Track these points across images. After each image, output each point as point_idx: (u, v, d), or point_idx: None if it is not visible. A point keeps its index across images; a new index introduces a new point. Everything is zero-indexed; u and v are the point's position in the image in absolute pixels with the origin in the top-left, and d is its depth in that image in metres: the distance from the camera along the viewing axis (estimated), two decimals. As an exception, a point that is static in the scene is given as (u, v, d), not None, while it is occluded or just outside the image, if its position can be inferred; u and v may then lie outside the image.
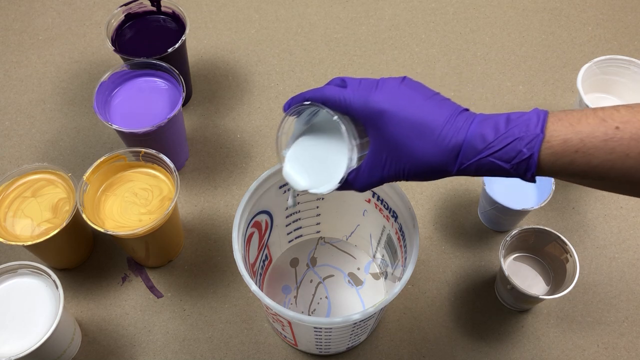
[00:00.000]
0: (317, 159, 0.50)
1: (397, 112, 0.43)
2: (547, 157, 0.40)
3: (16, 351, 0.56)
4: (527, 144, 0.40)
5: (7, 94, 0.87)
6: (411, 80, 0.46)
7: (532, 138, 0.40)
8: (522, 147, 0.40)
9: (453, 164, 0.43)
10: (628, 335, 0.67)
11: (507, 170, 0.42)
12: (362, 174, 0.47)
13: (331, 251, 0.73)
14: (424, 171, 0.44)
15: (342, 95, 0.45)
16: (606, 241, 0.74)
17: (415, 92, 0.44)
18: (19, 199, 0.65)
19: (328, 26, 0.94)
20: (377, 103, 0.44)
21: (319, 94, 0.47)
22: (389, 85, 0.45)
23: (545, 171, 0.41)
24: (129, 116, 0.71)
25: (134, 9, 0.78)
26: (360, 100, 0.45)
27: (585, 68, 0.74)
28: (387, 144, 0.44)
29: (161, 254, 0.70)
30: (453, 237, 0.74)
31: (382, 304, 0.52)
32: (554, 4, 0.97)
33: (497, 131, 0.41)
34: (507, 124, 0.41)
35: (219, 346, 0.67)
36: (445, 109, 0.43)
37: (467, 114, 0.43)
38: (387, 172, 0.45)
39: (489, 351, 0.67)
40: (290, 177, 0.51)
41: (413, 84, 0.45)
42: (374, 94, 0.44)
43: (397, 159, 0.44)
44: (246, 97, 0.86)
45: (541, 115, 0.41)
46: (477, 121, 0.42)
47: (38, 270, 0.61)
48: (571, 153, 0.40)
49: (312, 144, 0.51)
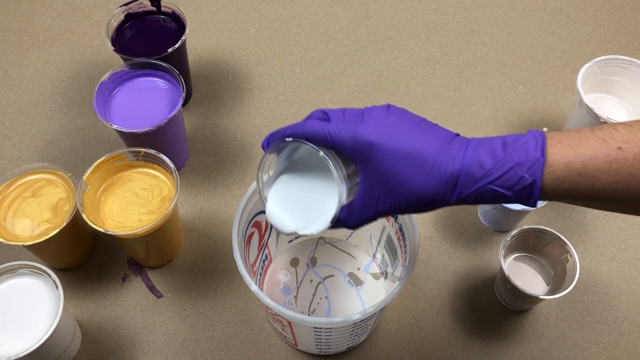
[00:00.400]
0: (302, 198, 0.47)
1: (387, 143, 0.41)
2: (549, 181, 0.39)
3: (16, 351, 0.56)
4: (529, 169, 0.38)
5: (7, 94, 0.87)
6: (396, 107, 0.43)
7: (532, 163, 0.38)
8: (524, 173, 0.39)
9: (451, 194, 0.41)
10: (628, 335, 0.67)
11: (508, 197, 0.40)
12: (355, 211, 0.44)
13: (331, 251, 0.73)
14: (421, 203, 0.42)
15: (327, 130, 0.43)
16: (606, 241, 0.74)
17: (403, 121, 0.42)
18: (19, 199, 0.65)
19: (328, 26, 0.94)
20: (365, 135, 0.41)
21: (302, 130, 0.44)
22: (375, 115, 0.42)
23: (548, 196, 0.40)
24: (129, 116, 0.71)
25: (134, 9, 0.78)
26: (346, 134, 0.42)
27: (585, 68, 0.74)
28: (378, 177, 0.42)
29: (161, 254, 0.70)
30: (453, 237, 0.74)
31: (382, 304, 0.52)
32: (554, 4, 0.97)
33: (495, 157, 0.39)
34: (505, 149, 0.39)
35: (219, 346, 0.67)
36: (436, 136, 0.41)
37: (460, 139, 0.41)
38: (382, 207, 0.43)
39: (489, 351, 0.67)
40: (275, 219, 0.47)
41: (399, 112, 0.43)
42: (360, 126, 0.42)
43: (390, 193, 0.42)
44: (246, 97, 0.86)
45: (539, 137, 0.39)
46: (471, 147, 0.40)
47: (38, 270, 0.61)
48: (574, 176, 0.38)
49: (295, 182, 0.48)
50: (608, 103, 0.78)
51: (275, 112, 0.85)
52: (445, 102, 0.85)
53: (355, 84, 0.88)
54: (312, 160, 0.47)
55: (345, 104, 0.85)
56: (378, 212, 0.43)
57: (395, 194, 0.42)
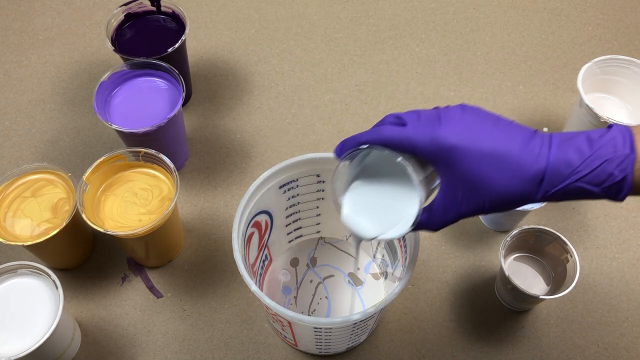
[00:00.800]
0: (379, 203, 0.47)
1: (469, 145, 0.41)
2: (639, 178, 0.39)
3: (16, 351, 0.56)
4: (618, 165, 0.38)
5: (7, 94, 0.87)
6: (471, 107, 0.43)
7: (622, 159, 0.38)
8: (613, 170, 0.38)
9: (536, 192, 0.40)
10: (628, 335, 0.67)
11: (596, 194, 0.40)
12: (436, 214, 0.44)
13: (331, 251, 0.73)
14: (505, 202, 0.41)
15: (406, 135, 0.42)
16: (606, 241, 0.74)
17: (481, 120, 0.42)
18: (19, 199, 0.65)
19: (328, 26, 0.94)
20: (446, 139, 0.41)
21: (378, 136, 0.44)
22: (453, 117, 0.42)
23: (636, 191, 0.40)
24: (128, 116, 0.71)
25: (133, 9, 0.78)
26: (426, 138, 0.42)
27: (586, 68, 0.74)
28: (461, 179, 0.41)
29: (161, 254, 0.70)
30: (453, 237, 0.74)
31: (382, 304, 0.52)
32: (554, 4, 0.97)
33: (582, 154, 0.39)
34: (591, 145, 0.39)
35: (219, 346, 0.67)
36: (517, 135, 0.41)
37: (541, 135, 0.41)
38: (465, 208, 0.43)
39: (489, 351, 0.67)
40: (354, 224, 0.48)
41: (475, 111, 0.43)
42: (439, 129, 0.41)
43: (474, 195, 0.42)
44: (246, 97, 0.86)
45: (626, 133, 0.39)
46: (555, 144, 0.40)
47: (38, 270, 0.61)
48: None
49: (370, 188, 0.48)
50: (608, 103, 0.78)
51: (275, 112, 0.85)
52: (445, 102, 0.85)
53: (355, 84, 0.88)
54: (384, 165, 0.47)
55: (346, 104, 0.85)
56: (460, 214, 0.43)
57: (479, 195, 0.42)
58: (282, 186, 0.61)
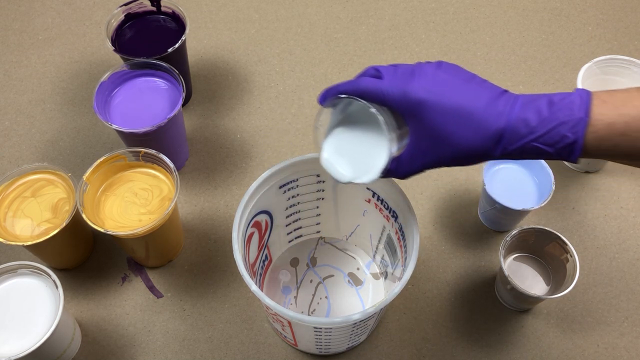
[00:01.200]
0: (355, 150, 0.50)
1: (437, 100, 0.43)
2: (591, 141, 0.40)
3: (16, 351, 0.56)
4: (572, 128, 0.40)
5: (7, 94, 0.87)
6: (447, 64, 0.45)
7: (576, 122, 0.40)
8: (567, 132, 0.40)
9: (495, 148, 0.42)
10: (628, 335, 0.67)
11: (550, 154, 0.41)
12: (404, 163, 0.46)
13: (331, 251, 0.73)
14: (466, 156, 0.43)
15: (379, 87, 0.45)
16: (606, 241, 0.74)
17: (453, 77, 0.44)
18: (19, 199, 0.65)
19: (328, 26, 0.94)
20: (416, 93, 0.43)
21: (355, 87, 0.46)
22: (425, 73, 0.44)
23: (589, 154, 0.41)
24: (129, 116, 0.71)
25: (134, 9, 0.78)
26: (397, 91, 0.44)
27: (585, 68, 0.74)
28: (427, 132, 0.44)
29: (161, 254, 0.70)
30: (453, 237, 0.74)
31: (382, 304, 0.52)
32: (554, 4, 0.97)
33: (540, 115, 0.41)
34: (550, 107, 0.41)
35: (219, 346, 0.67)
36: (484, 93, 0.43)
37: (507, 96, 0.43)
38: (429, 159, 0.45)
39: (489, 351, 0.67)
40: (331, 167, 0.51)
41: (450, 68, 0.45)
42: (411, 84, 0.43)
43: (438, 147, 0.44)
44: (246, 97, 0.86)
45: (584, 97, 0.40)
46: (519, 104, 0.42)
47: (38, 270, 0.61)
48: (616, 136, 0.39)
49: (349, 135, 0.50)
50: (608, 103, 0.78)
51: (275, 112, 0.85)
52: (445, 102, 0.85)
53: (355, 84, 0.87)
54: (365, 115, 0.49)
55: (345, 104, 0.85)
56: (425, 164, 0.45)
57: (443, 148, 0.43)
58: (282, 186, 0.61)
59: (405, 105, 0.44)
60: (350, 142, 0.50)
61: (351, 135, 0.50)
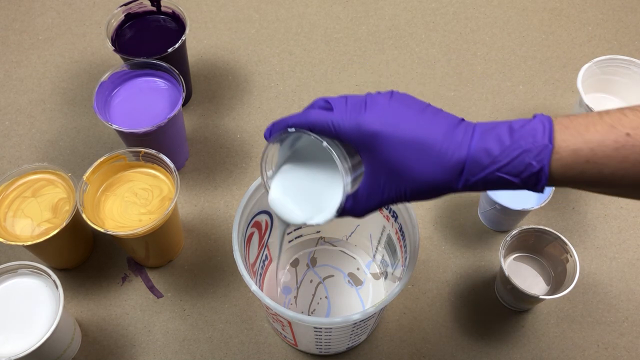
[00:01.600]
0: (307, 188, 0.47)
1: (391, 132, 0.40)
2: (557, 168, 0.38)
3: (16, 351, 0.56)
4: (536, 156, 0.38)
5: (7, 94, 0.87)
6: (400, 93, 0.43)
7: (540, 150, 0.38)
8: (531, 160, 0.38)
9: (457, 181, 0.40)
10: (628, 335, 0.67)
11: (515, 184, 0.39)
12: (361, 201, 0.43)
13: (331, 251, 0.73)
14: (427, 191, 0.41)
15: (330, 120, 0.42)
16: (606, 241, 0.74)
17: (407, 108, 0.41)
18: (19, 199, 0.65)
19: (328, 26, 0.94)
20: (369, 125, 0.41)
21: (304, 120, 0.43)
22: (378, 104, 0.42)
23: (556, 182, 0.39)
24: (129, 116, 0.71)
25: (134, 9, 0.78)
26: (350, 124, 0.41)
27: (585, 68, 0.74)
28: (383, 166, 0.41)
29: (161, 254, 0.70)
30: (453, 237, 0.74)
31: (382, 304, 0.52)
32: (554, 4, 0.97)
33: (502, 144, 0.39)
34: (511, 135, 0.39)
35: (219, 346, 0.67)
36: (441, 123, 0.41)
37: (465, 125, 0.41)
38: (387, 195, 0.42)
39: (489, 351, 0.67)
40: (281, 208, 0.47)
41: (403, 98, 0.42)
42: (363, 115, 0.41)
43: (396, 182, 0.41)
44: (246, 97, 0.86)
45: (546, 123, 0.39)
46: (478, 133, 0.40)
47: (38, 270, 0.61)
48: (582, 163, 0.38)
49: (299, 172, 0.47)
50: (608, 103, 0.78)
51: (275, 112, 0.85)
52: (445, 102, 0.85)
53: (355, 84, 0.88)
54: (315, 149, 0.46)
55: (345, 104, 0.85)
56: (384, 201, 0.43)
57: (401, 182, 0.41)
58: (282, 186, 0.61)
59: (358, 137, 0.41)
60: (301, 179, 0.47)
61: (301, 172, 0.47)
